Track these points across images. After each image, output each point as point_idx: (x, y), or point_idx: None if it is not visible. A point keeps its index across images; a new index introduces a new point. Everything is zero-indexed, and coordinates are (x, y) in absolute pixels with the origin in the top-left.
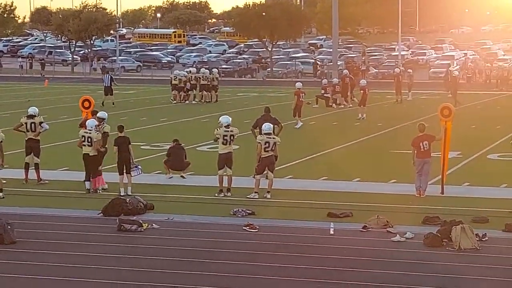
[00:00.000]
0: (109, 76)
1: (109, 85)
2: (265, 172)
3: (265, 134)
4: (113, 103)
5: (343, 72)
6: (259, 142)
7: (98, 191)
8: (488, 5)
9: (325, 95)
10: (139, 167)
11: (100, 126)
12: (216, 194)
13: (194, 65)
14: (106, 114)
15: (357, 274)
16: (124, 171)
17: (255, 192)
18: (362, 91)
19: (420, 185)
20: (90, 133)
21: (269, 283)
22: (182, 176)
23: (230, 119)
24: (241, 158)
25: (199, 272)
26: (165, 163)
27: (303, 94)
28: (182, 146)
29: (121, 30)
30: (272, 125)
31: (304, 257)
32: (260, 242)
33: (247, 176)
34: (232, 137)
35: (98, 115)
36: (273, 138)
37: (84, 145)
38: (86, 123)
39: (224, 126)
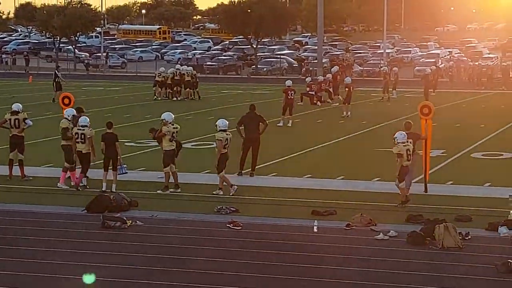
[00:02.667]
0: (56, 72)
1: (58, 80)
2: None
3: (223, 130)
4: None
5: (334, 70)
6: (220, 139)
7: (79, 188)
8: (473, 3)
9: (309, 92)
10: (125, 166)
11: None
12: (161, 191)
13: (178, 62)
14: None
15: (340, 272)
16: (110, 168)
17: (220, 189)
18: (347, 89)
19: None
20: (83, 130)
21: (252, 280)
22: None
23: (173, 116)
24: None
25: (183, 269)
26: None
27: (293, 92)
28: None
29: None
30: (227, 122)
31: (287, 254)
32: (244, 240)
33: (232, 174)
34: (176, 135)
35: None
36: (229, 133)
37: (78, 142)
38: (79, 120)
39: (170, 123)
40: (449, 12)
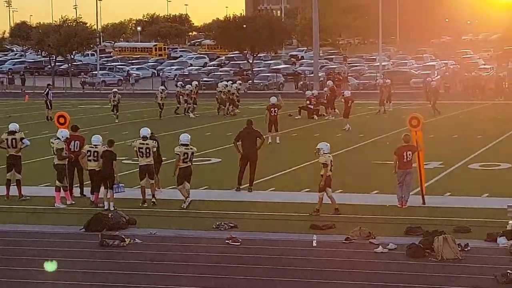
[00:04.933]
0: (48, 91)
1: (50, 99)
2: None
3: (183, 145)
4: (50, 117)
5: (330, 83)
6: (178, 154)
7: (100, 205)
8: (468, 14)
9: (309, 106)
10: (122, 185)
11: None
12: (141, 204)
13: (175, 79)
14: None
15: (340, 286)
16: (108, 186)
17: (189, 199)
18: (343, 101)
19: (402, 196)
20: (96, 148)
21: None
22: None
23: (149, 131)
24: (224, 171)
25: (183, 286)
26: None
27: (275, 109)
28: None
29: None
30: (189, 136)
31: (287, 269)
32: (242, 255)
33: (230, 189)
34: (148, 150)
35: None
36: (191, 148)
37: (89, 160)
38: (92, 138)
39: (141, 138)
40: (444, 24)
